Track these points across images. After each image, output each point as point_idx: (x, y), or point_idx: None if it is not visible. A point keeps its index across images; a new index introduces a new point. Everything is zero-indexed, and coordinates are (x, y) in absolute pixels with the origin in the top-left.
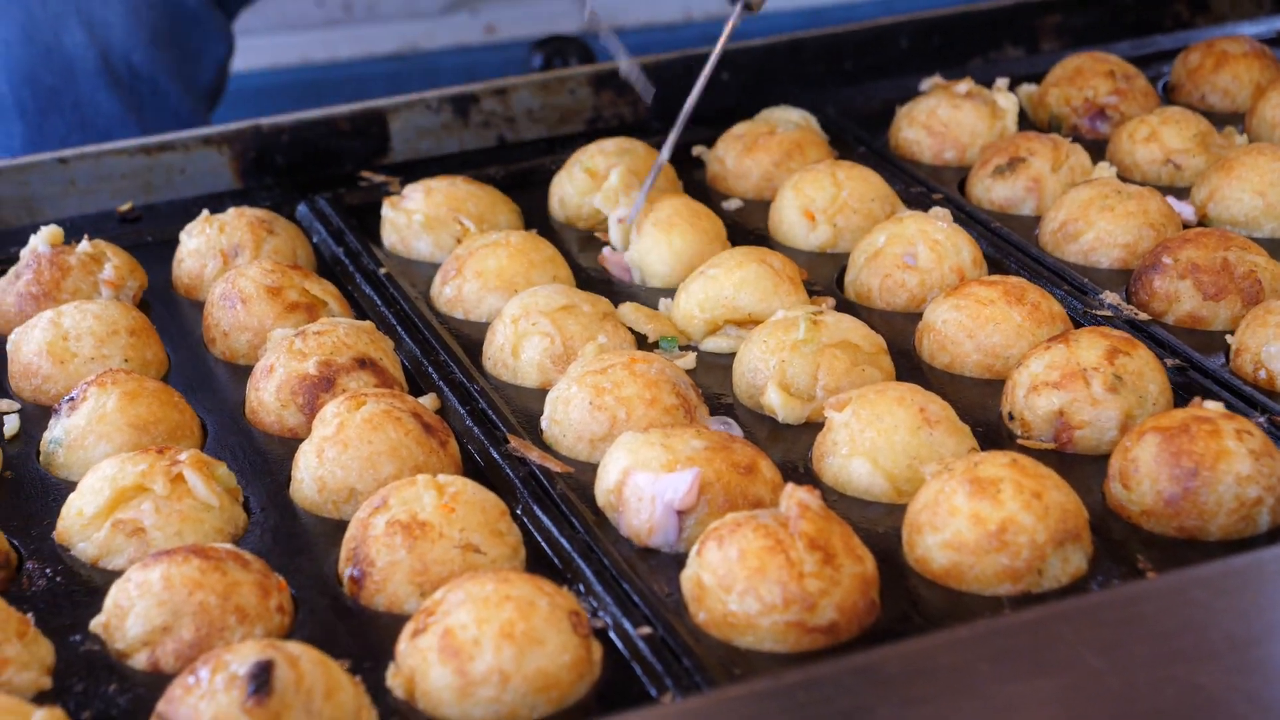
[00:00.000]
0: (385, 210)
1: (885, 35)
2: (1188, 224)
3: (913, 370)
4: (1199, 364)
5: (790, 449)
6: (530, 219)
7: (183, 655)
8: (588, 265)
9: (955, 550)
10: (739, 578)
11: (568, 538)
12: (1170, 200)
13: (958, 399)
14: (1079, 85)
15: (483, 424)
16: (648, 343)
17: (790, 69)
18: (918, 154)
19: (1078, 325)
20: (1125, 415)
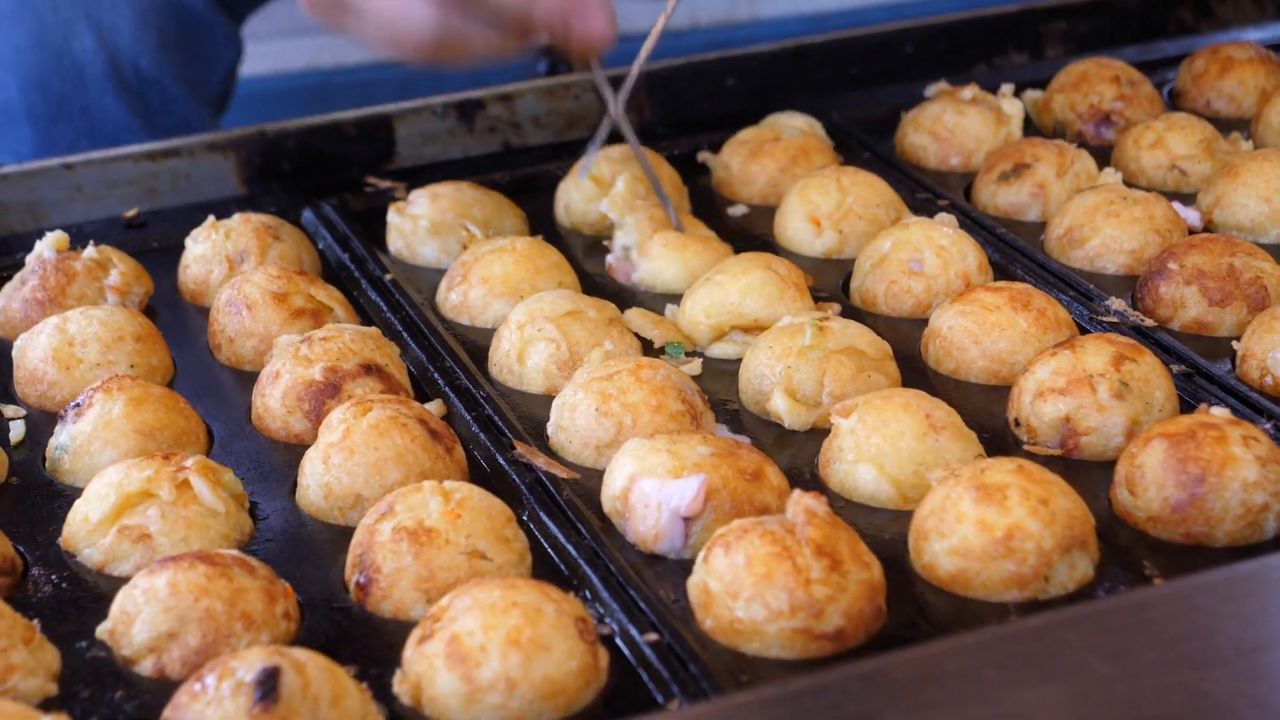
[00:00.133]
0: (391, 216)
1: (890, 41)
2: (1193, 230)
3: (918, 376)
4: (1205, 370)
5: (796, 455)
6: (536, 225)
7: (189, 662)
8: (593, 271)
9: (962, 556)
10: (746, 584)
11: (574, 544)
12: (1176, 206)
13: (964, 405)
14: (1084, 91)
15: (489, 430)
16: (654, 348)
17: (796, 75)
18: (923, 160)
19: (1084, 331)
20: (1131, 421)
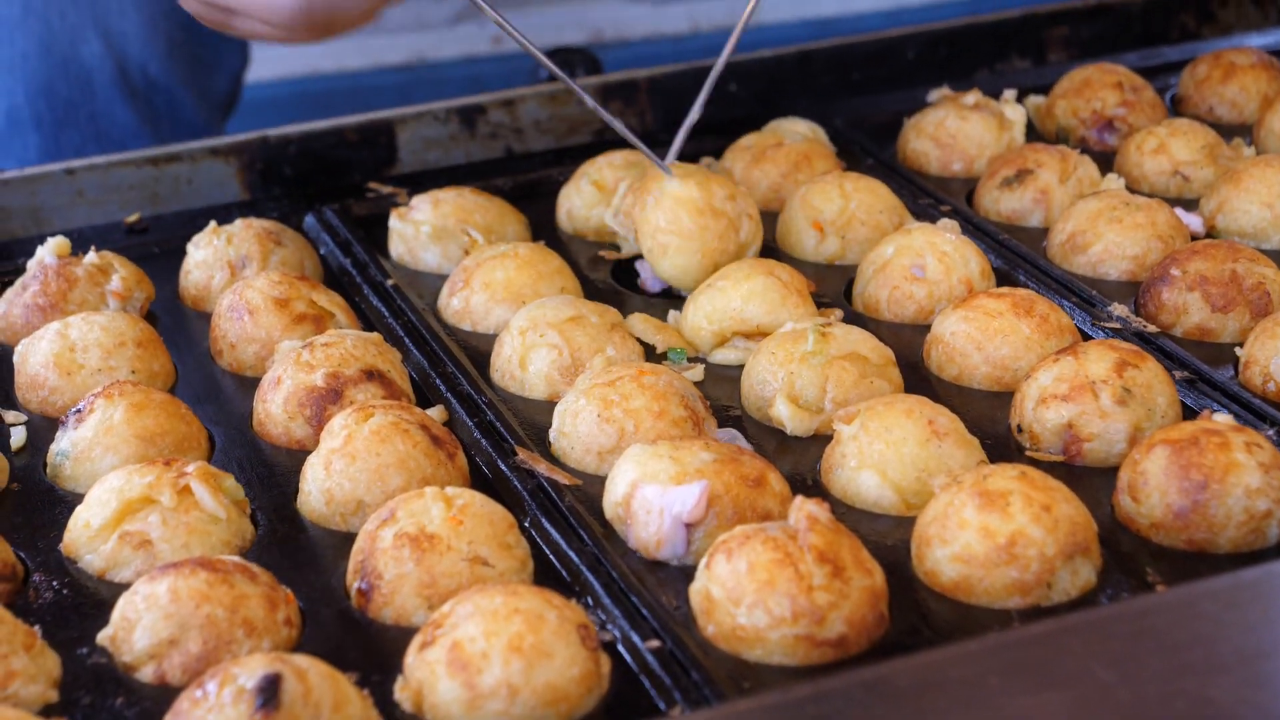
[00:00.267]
0: (393, 221)
1: (893, 47)
2: (1196, 236)
3: (921, 382)
4: (1208, 376)
5: (799, 461)
6: (538, 230)
7: (190, 668)
8: (595, 277)
9: (964, 563)
10: (748, 591)
11: (576, 550)
12: (1178, 212)
13: (966, 411)
14: (1087, 97)
15: (491, 436)
16: (656, 354)
17: (798, 80)
18: (925, 165)
19: (1086, 337)
20: (1134, 428)
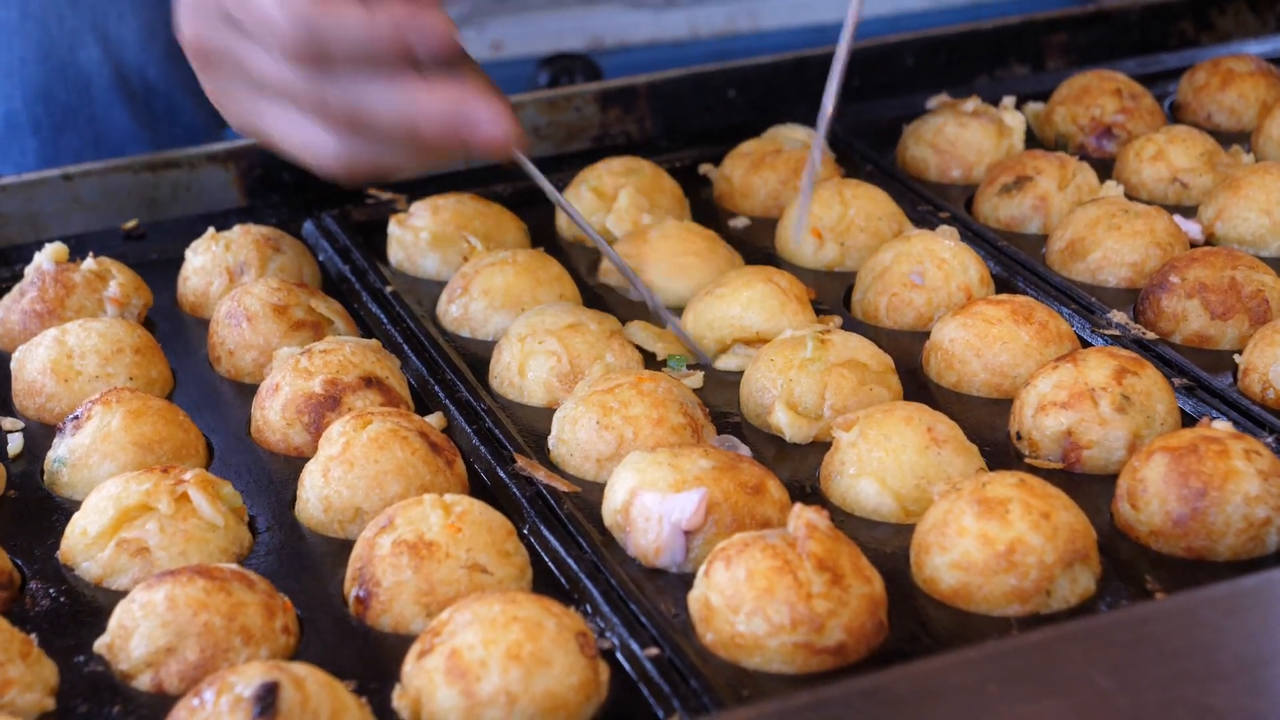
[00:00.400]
0: (392, 228)
1: (891, 53)
2: (1195, 243)
3: (920, 389)
4: (1207, 383)
5: (798, 468)
6: (537, 237)
7: (187, 677)
8: (594, 283)
9: (963, 571)
10: (747, 598)
11: (575, 558)
12: (1177, 219)
13: (965, 418)
14: (1086, 104)
15: (489, 443)
16: (656, 361)
17: (797, 87)
18: (924, 172)
19: (1085, 344)
20: (1133, 435)
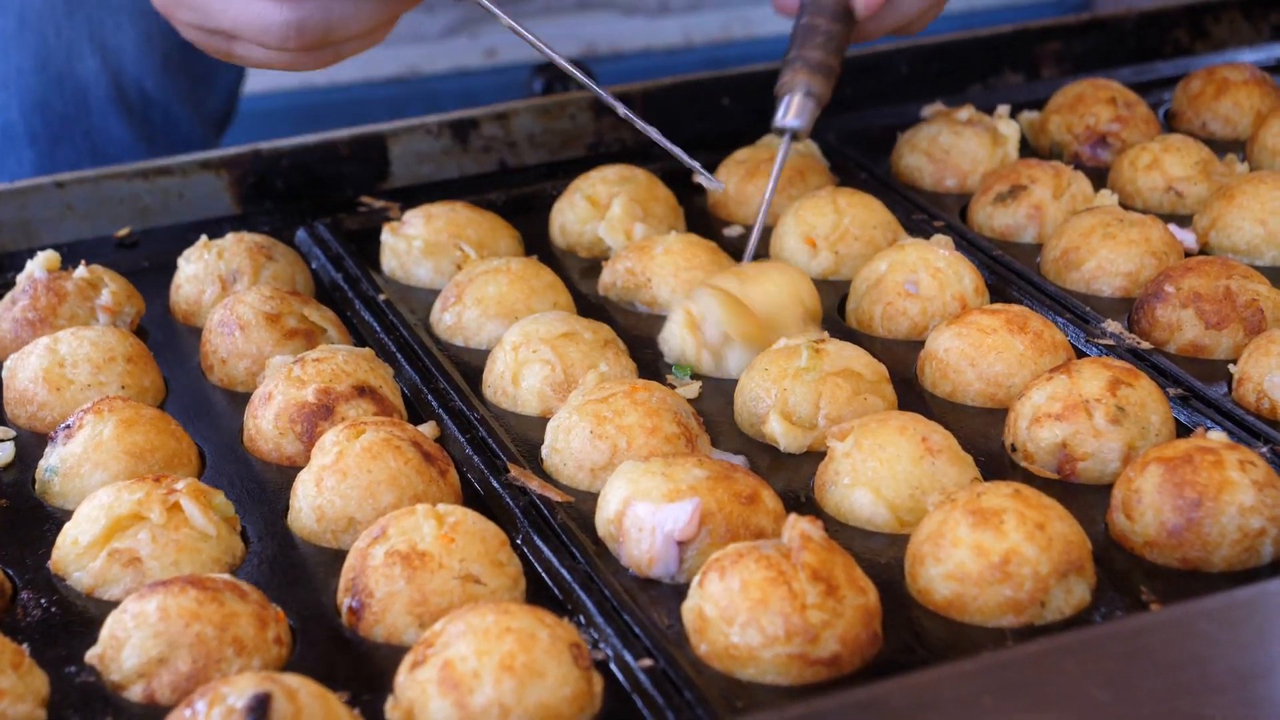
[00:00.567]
0: (385, 236)
1: (885, 61)
2: (1189, 252)
3: (914, 399)
4: (1201, 393)
5: (792, 478)
6: (531, 245)
7: (179, 687)
8: (588, 292)
9: (958, 581)
10: (741, 609)
11: (568, 568)
12: (1172, 228)
13: (960, 428)
14: (1080, 112)
15: (483, 453)
16: (656, 367)
17: None
18: (919, 181)
19: (1080, 354)
20: (1128, 446)
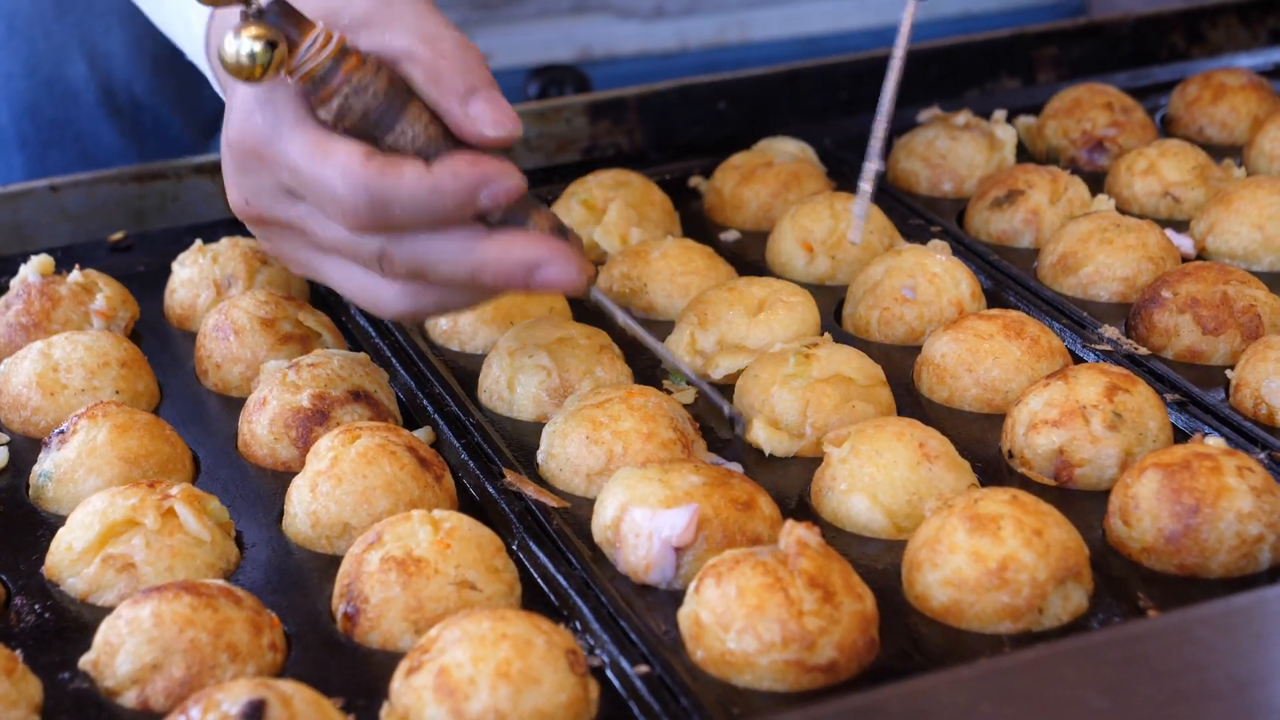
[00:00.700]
0: None
1: (881, 66)
2: (1187, 257)
3: (911, 404)
4: (1199, 399)
5: (789, 484)
6: None
7: (173, 694)
8: (583, 298)
9: (955, 588)
10: (737, 615)
11: (564, 574)
12: (1169, 233)
13: (957, 433)
14: (1077, 117)
15: (478, 458)
16: (655, 372)
17: (787, 99)
18: (915, 186)
19: (1077, 359)
20: (1125, 453)
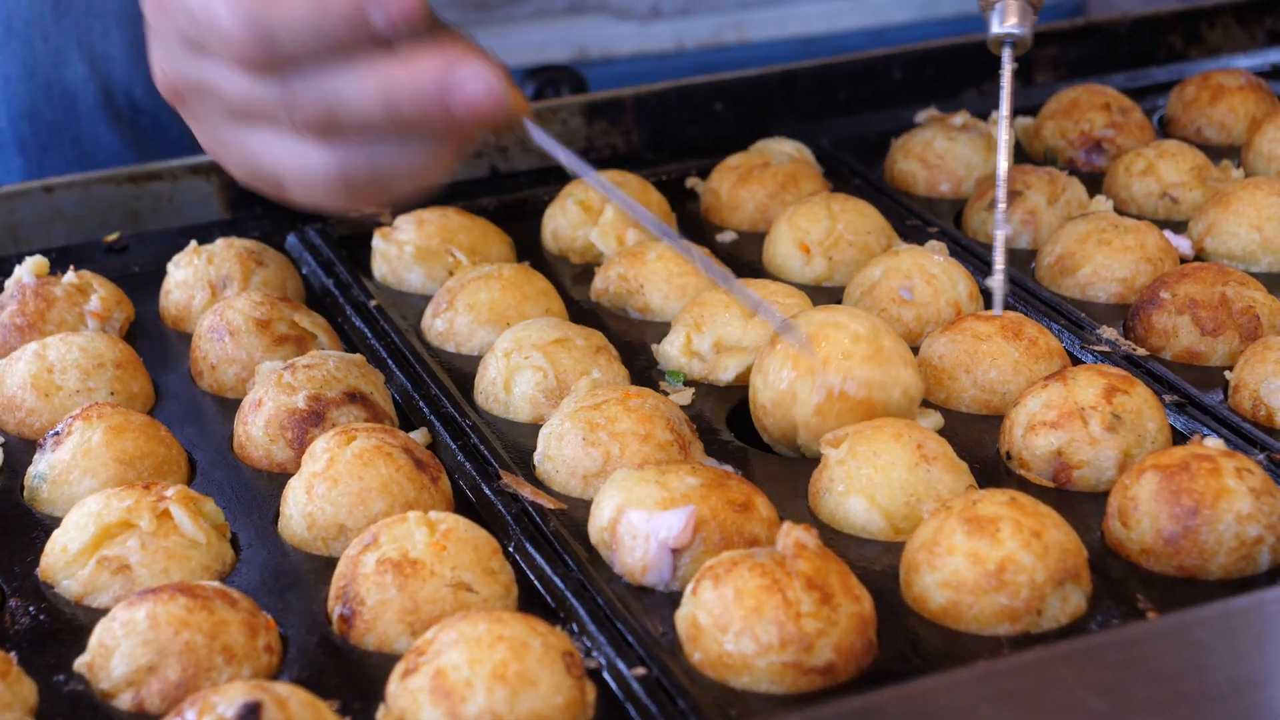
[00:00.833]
0: (376, 241)
1: (878, 66)
2: (1185, 258)
3: None
4: (1198, 400)
5: (786, 486)
6: (523, 251)
7: (168, 696)
8: (580, 298)
9: (953, 589)
10: (735, 617)
11: (561, 576)
12: (1167, 234)
13: (954, 435)
14: (1075, 118)
15: (474, 459)
16: (646, 376)
17: (784, 100)
18: (913, 186)
19: (1075, 361)
20: (1124, 454)
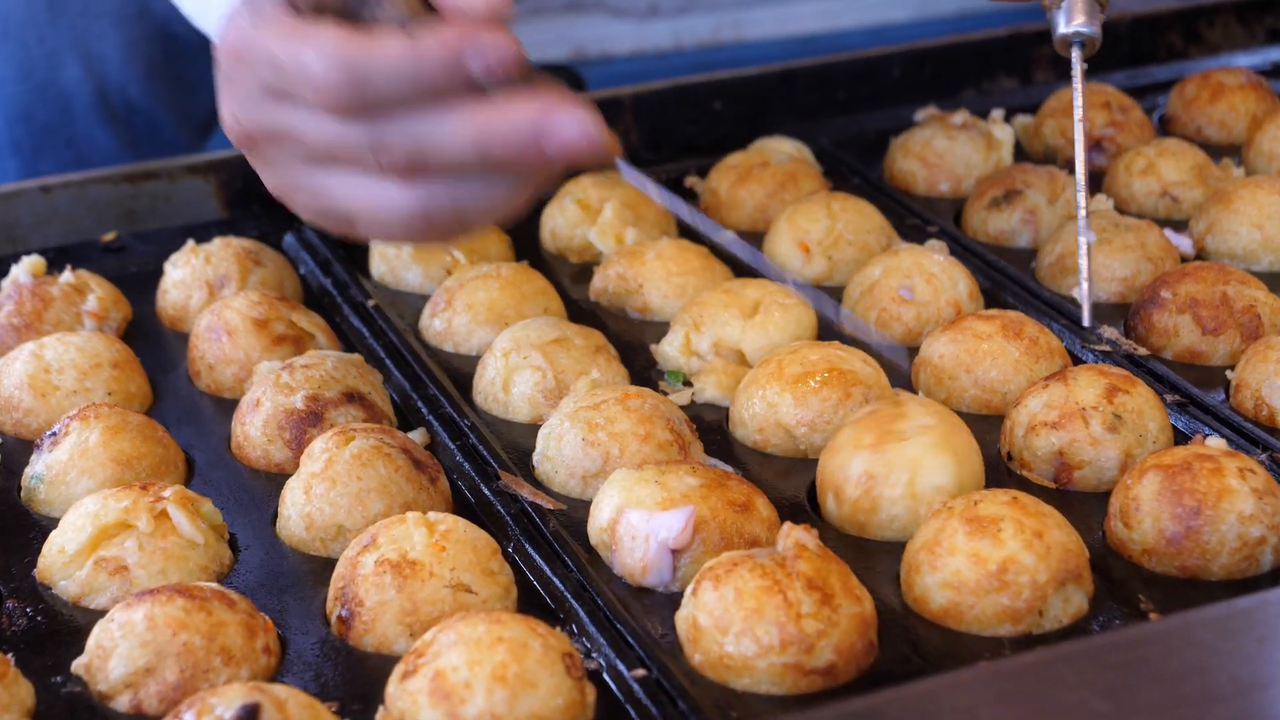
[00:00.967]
0: (374, 241)
1: (877, 65)
2: (1186, 257)
3: None
4: (1199, 400)
5: (786, 485)
6: (521, 250)
7: (166, 697)
8: (579, 298)
9: (954, 590)
10: (735, 618)
11: (560, 577)
12: (1168, 233)
13: None
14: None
15: (473, 460)
16: (647, 376)
17: (783, 99)
18: (912, 185)
19: (1076, 360)
20: (1125, 454)
